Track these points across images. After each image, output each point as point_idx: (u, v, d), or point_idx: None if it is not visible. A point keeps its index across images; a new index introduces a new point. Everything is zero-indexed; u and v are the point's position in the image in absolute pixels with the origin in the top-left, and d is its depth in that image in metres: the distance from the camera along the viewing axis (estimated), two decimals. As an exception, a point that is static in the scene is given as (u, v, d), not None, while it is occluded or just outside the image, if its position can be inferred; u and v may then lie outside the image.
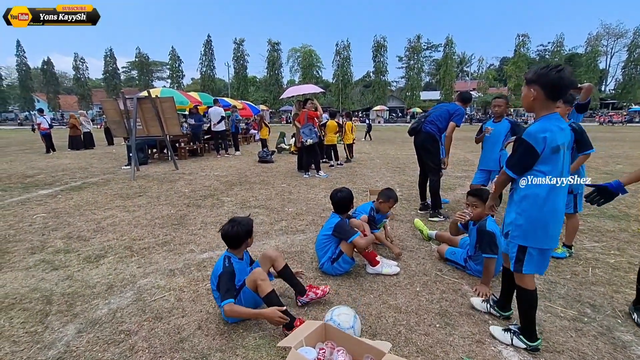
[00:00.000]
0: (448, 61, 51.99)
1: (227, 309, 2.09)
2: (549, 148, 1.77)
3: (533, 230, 1.87)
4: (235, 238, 2.29)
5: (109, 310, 2.41)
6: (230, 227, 2.28)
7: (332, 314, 2.09)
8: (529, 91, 1.87)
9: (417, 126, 4.58)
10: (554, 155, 1.80)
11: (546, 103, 1.83)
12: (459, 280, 2.90)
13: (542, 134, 1.77)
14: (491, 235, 2.77)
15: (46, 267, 3.12)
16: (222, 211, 4.89)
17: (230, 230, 2.27)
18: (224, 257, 2.30)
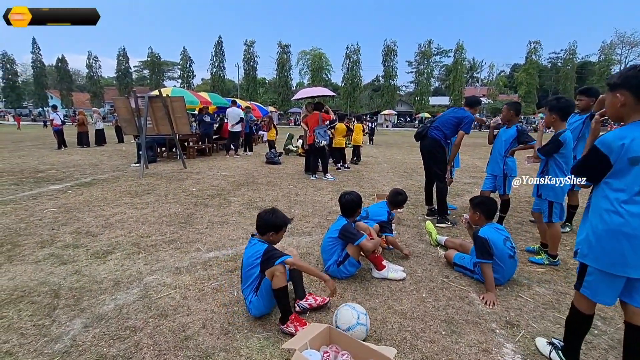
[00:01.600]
0: (458, 67, 51.69)
1: (290, 261, 2.20)
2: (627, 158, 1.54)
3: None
4: (270, 224, 2.38)
5: (115, 306, 2.43)
6: (272, 213, 2.43)
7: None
8: (615, 97, 1.62)
9: (423, 131, 4.55)
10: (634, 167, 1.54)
11: (637, 108, 1.57)
12: (466, 287, 2.86)
13: (620, 140, 1.55)
14: (483, 241, 2.76)
15: (55, 262, 3.16)
16: (228, 211, 4.91)
17: (271, 216, 2.41)
18: (258, 240, 2.37)
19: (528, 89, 50.92)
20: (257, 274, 2.29)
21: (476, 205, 2.96)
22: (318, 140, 7.40)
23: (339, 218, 3.06)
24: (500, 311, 2.51)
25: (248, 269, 2.31)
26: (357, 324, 2.06)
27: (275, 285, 2.16)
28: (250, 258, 2.31)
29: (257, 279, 2.30)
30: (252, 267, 2.29)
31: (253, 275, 2.30)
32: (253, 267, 2.29)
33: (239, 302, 2.52)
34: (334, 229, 2.94)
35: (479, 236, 2.76)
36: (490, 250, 2.70)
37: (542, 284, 2.94)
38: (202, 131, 11.78)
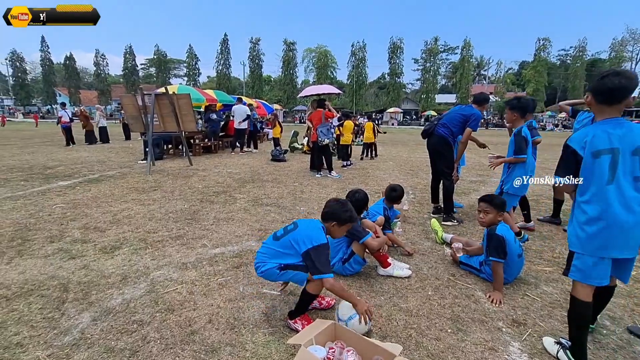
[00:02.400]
0: (465, 64, 51.21)
1: (329, 284, 2.04)
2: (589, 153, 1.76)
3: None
4: (335, 215, 2.27)
5: (122, 300, 2.46)
6: (341, 205, 2.34)
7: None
8: (585, 97, 1.91)
9: (430, 128, 4.52)
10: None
11: (598, 108, 1.84)
12: (472, 285, 2.84)
13: (584, 137, 1.79)
14: (500, 240, 2.73)
15: (64, 256, 3.20)
16: (234, 208, 4.93)
17: (340, 207, 2.30)
18: (322, 227, 2.25)
19: (536, 87, 50.28)
20: (292, 255, 2.13)
21: (501, 206, 2.89)
22: (321, 139, 7.40)
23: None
24: (507, 310, 2.49)
25: (292, 243, 2.14)
26: (356, 314, 2.07)
27: (309, 289, 2.14)
28: (301, 235, 2.14)
29: (291, 260, 2.13)
30: (295, 245, 2.13)
31: (290, 253, 2.14)
32: (295, 245, 2.13)
33: (244, 297, 2.54)
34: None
35: (496, 234, 2.73)
36: (505, 249, 2.68)
37: (550, 283, 2.91)
38: (209, 129, 11.83)
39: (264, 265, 2.15)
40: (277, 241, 2.20)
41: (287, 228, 2.25)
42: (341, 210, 2.27)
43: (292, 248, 2.13)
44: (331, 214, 2.27)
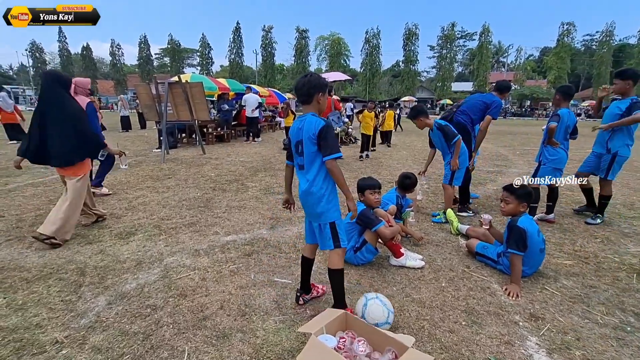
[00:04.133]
0: (483, 51, 49.46)
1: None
2: None
3: None
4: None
5: (137, 285, 2.50)
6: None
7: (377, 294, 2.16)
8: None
9: (448, 116, 4.38)
10: None
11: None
12: (488, 278, 2.77)
13: None
14: (521, 232, 2.63)
15: (81, 241, 3.28)
16: (246, 196, 4.94)
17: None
18: (312, 114, 2.07)
19: (558, 74, 48.23)
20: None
21: (524, 197, 2.78)
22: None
23: (357, 204, 3.00)
24: (524, 303, 2.41)
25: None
26: (385, 323, 2.02)
27: (334, 263, 2.09)
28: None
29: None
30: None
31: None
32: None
33: (255, 285, 2.54)
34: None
35: (517, 226, 2.63)
36: (526, 242, 2.59)
37: (570, 277, 2.80)
38: (221, 117, 11.87)
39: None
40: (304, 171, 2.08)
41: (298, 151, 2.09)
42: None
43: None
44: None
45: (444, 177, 4.07)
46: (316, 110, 2.04)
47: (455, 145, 3.83)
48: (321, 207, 2.01)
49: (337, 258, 2.08)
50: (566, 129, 3.89)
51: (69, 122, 3.19)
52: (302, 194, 2.06)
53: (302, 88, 2.00)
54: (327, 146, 1.90)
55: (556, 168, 3.92)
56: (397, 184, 3.66)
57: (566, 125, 3.87)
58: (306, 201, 2.07)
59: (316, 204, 2.01)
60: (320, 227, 2.07)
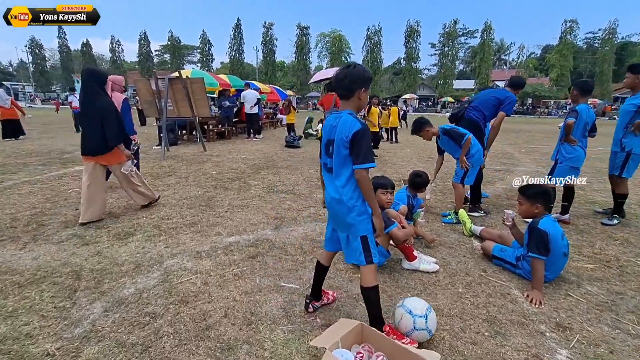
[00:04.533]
0: (485, 48, 49.21)
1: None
2: None
3: None
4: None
5: (135, 290, 2.35)
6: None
7: (403, 301, 2.01)
8: None
9: (459, 112, 4.21)
10: None
11: None
12: (507, 283, 2.61)
13: None
14: (542, 235, 2.48)
15: (78, 242, 3.12)
16: (249, 195, 4.78)
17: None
18: (350, 112, 1.80)
19: (561, 72, 47.96)
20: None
21: (534, 197, 2.65)
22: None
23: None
24: (548, 311, 2.26)
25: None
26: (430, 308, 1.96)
27: (366, 281, 1.84)
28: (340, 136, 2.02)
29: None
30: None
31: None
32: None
33: (261, 290, 2.39)
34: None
35: (538, 229, 2.48)
36: (548, 245, 2.44)
37: (594, 282, 2.65)
38: (222, 114, 11.70)
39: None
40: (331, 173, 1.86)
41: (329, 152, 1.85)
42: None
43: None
44: (356, 80, 1.73)
45: (455, 176, 3.90)
46: (355, 108, 1.79)
47: (464, 144, 3.67)
48: (352, 219, 1.78)
49: (371, 274, 1.84)
50: (585, 126, 3.73)
51: (97, 117, 3.46)
52: (331, 201, 1.84)
53: (342, 80, 1.74)
54: (360, 153, 1.66)
55: (573, 167, 3.77)
56: (408, 183, 3.51)
57: (585, 122, 3.70)
58: (334, 209, 1.85)
59: (346, 214, 1.78)
60: (348, 239, 1.85)
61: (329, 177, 1.86)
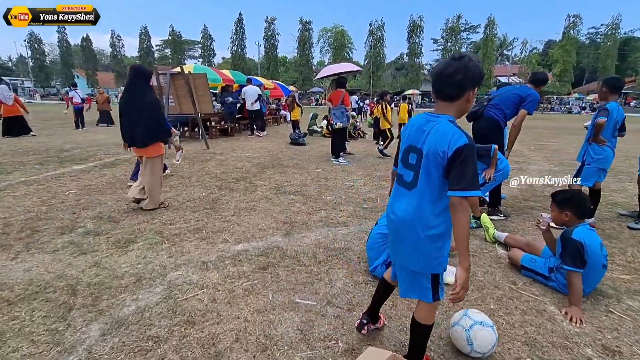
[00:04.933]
0: (488, 43, 48.62)
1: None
2: None
3: None
4: None
5: (136, 309, 2.14)
6: None
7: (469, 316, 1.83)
8: None
9: (479, 110, 3.97)
10: None
11: None
12: (540, 297, 2.40)
13: None
14: (576, 245, 2.26)
15: (74, 251, 2.91)
16: (255, 196, 4.56)
17: None
18: (451, 119, 1.43)
19: (564, 67, 47.43)
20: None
21: (563, 203, 2.43)
22: (334, 122, 6.94)
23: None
24: (591, 332, 2.04)
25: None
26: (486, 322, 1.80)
27: (421, 316, 1.58)
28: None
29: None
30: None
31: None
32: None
33: (275, 308, 2.17)
34: (384, 224, 2.51)
35: (572, 239, 2.26)
36: (584, 257, 2.22)
37: (634, 295, 2.43)
38: (225, 111, 11.45)
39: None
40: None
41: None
42: (476, 68, 1.39)
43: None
44: (470, 78, 1.35)
45: None
46: (457, 113, 1.41)
47: (492, 158, 3.44)
48: (427, 252, 1.41)
49: (433, 312, 1.57)
50: (615, 125, 3.49)
51: (145, 110, 3.71)
52: (401, 223, 1.45)
53: (452, 76, 1.33)
54: (464, 176, 1.26)
55: (601, 168, 3.54)
56: None
57: (615, 121, 3.47)
58: (403, 235, 1.46)
59: (420, 245, 1.41)
60: (413, 274, 1.51)
61: (404, 193, 1.46)
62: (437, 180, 1.36)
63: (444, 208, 1.38)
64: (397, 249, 1.55)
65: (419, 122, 1.46)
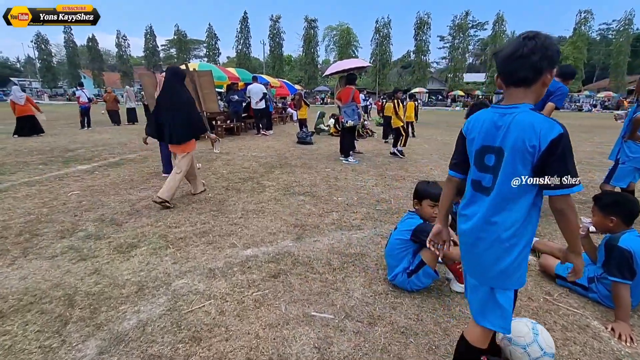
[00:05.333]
0: (497, 40, 47.90)
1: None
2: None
3: None
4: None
5: (138, 322, 1.95)
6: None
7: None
8: None
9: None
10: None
11: None
12: (580, 310, 2.17)
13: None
14: (624, 254, 2.03)
15: (74, 257, 2.74)
16: (264, 197, 4.37)
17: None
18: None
19: (574, 64, 46.44)
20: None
21: (608, 208, 2.20)
22: (344, 120, 6.71)
23: (409, 214, 2.41)
24: (644, 352, 1.82)
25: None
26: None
27: (474, 337, 1.39)
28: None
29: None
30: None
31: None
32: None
33: (288, 322, 1.98)
34: (404, 229, 2.31)
35: (619, 247, 2.04)
36: (633, 267, 1.99)
37: (686, 309, 2.19)
38: (230, 109, 11.29)
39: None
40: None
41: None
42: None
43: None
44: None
45: None
46: (535, 100, 1.23)
47: None
48: (509, 265, 1.24)
49: (487, 337, 1.40)
50: None
51: (182, 109, 3.92)
52: (478, 234, 1.29)
53: (527, 57, 1.15)
54: (565, 169, 1.11)
55: (637, 167, 3.28)
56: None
57: None
58: (480, 248, 1.29)
59: (502, 257, 1.25)
60: (492, 293, 1.31)
61: (480, 200, 1.30)
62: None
63: (525, 213, 1.22)
64: (473, 263, 1.36)
65: (489, 118, 1.28)
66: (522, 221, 1.22)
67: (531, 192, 1.20)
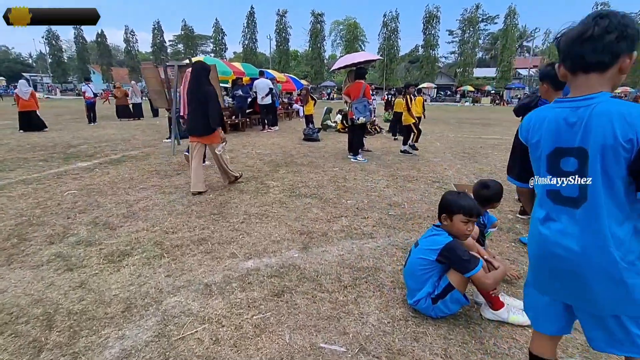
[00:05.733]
0: (508, 34, 46.69)
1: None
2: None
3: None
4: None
5: (120, 352, 1.70)
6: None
7: None
8: None
9: (531, 102, 3.38)
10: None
11: None
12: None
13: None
14: None
15: (60, 266, 2.51)
16: (267, 199, 4.11)
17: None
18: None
19: (589, 59, 45.16)
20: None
21: None
22: (356, 117, 6.37)
23: (434, 229, 2.09)
24: None
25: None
26: None
27: None
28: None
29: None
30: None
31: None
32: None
33: (293, 356, 1.70)
34: (428, 247, 1.99)
35: None
36: None
37: None
38: (235, 105, 11.04)
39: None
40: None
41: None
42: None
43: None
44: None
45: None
46: (611, 88, 1.03)
47: None
48: (632, 288, 1.00)
49: None
50: None
51: (204, 103, 4.10)
52: (579, 256, 1.04)
53: (601, 37, 0.96)
54: None
55: None
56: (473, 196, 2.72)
57: None
58: (586, 273, 1.04)
59: (619, 283, 0.99)
60: (620, 322, 1.05)
61: (568, 213, 1.06)
62: (621, 183, 0.98)
63: (634, 226, 1.00)
64: (578, 293, 1.10)
65: (554, 115, 1.08)
66: (632, 234, 1.00)
67: (634, 195, 0.98)
